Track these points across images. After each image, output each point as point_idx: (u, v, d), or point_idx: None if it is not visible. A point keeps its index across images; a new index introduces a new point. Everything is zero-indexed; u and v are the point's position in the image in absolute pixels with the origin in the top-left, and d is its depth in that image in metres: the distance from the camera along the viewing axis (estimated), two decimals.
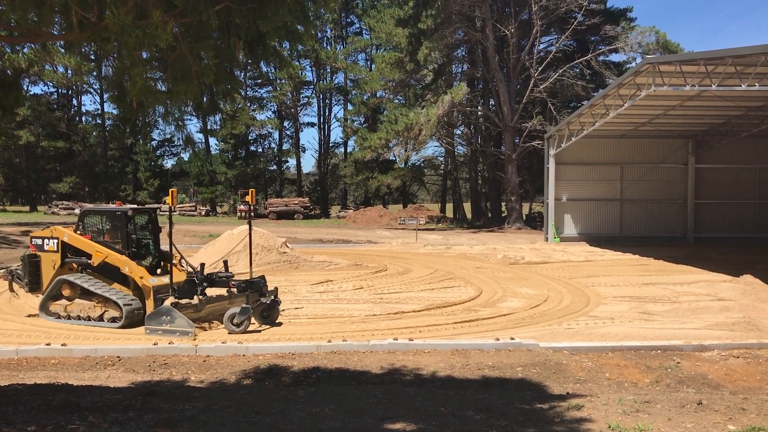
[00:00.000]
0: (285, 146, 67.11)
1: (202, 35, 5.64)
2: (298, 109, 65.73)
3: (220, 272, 14.40)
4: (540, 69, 44.22)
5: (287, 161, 69.71)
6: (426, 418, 7.46)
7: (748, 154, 34.44)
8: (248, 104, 61.64)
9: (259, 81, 64.18)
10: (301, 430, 6.83)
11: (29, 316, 15.01)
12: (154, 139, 65.11)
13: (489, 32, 42.84)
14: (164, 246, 15.10)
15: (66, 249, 14.53)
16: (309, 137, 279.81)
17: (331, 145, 68.84)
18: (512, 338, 12.34)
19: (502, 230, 43.24)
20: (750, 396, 9.05)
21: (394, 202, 70.24)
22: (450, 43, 45.70)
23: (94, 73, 54.33)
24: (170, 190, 13.91)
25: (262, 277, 14.52)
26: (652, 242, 32.94)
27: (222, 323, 13.61)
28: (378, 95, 58.05)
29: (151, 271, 14.60)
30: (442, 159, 63.31)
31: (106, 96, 55.56)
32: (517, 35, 44.11)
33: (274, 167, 67.77)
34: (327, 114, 67.62)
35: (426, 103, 43.23)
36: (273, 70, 58.83)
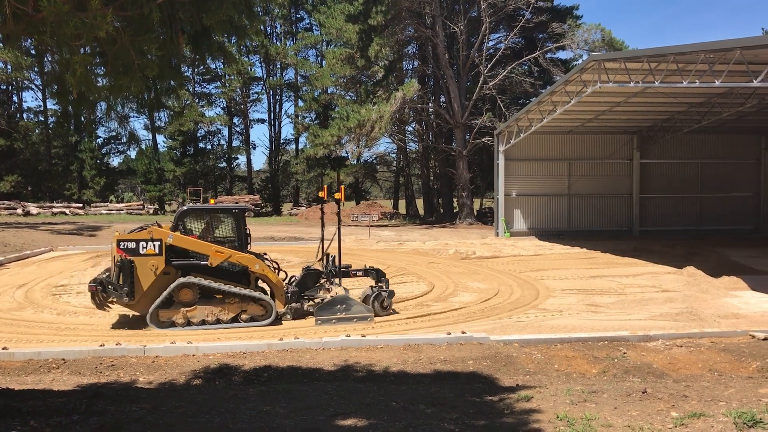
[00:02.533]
0: (235, 143, 66.37)
1: (144, 29, 5.50)
2: (248, 105, 65.04)
3: (334, 264, 15.02)
4: (489, 66, 44.68)
5: (237, 158, 69.00)
6: (377, 414, 7.47)
7: (690, 149, 35.48)
8: (196, 100, 60.68)
9: (207, 77, 63.25)
10: (251, 428, 6.76)
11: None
12: (100, 137, 63.59)
13: (439, 29, 43.08)
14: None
15: (169, 251, 13.37)
16: (259, 134, 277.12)
17: (282, 141, 68.36)
18: (464, 332, 12.44)
19: (454, 226, 43.58)
20: (692, 384, 9.32)
21: (346, 199, 70.16)
22: (400, 40, 45.82)
23: (36, 69, 52.72)
24: (341, 187, 13.78)
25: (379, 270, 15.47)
26: (599, 236, 33.63)
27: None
28: (329, 91, 57.81)
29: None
30: (394, 156, 63.50)
31: (48, 92, 53.93)
32: (466, 32, 44.46)
33: (224, 164, 66.94)
34: (277, 110, 67.10)
35: (377, 100, 43.25)
36: (221, 66, 58.13)
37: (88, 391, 8.84)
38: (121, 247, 13.10)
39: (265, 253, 14.62)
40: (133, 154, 65.91)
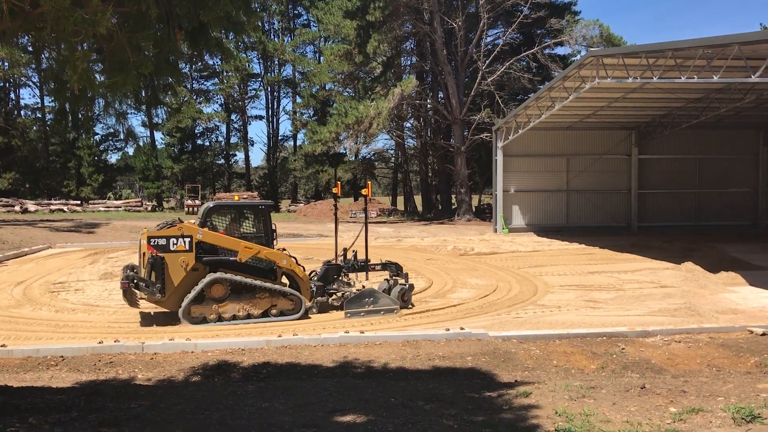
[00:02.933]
0: (233, 140, 66.37)
1: (141, 25, 5.49)
2: (246, 101, 65.05)
3: (357, 259, 15.69)
4: (487, 62, 44.63)
5: (235, 155, 69.01)
6: (376, 410, 7.47)
7: (688, 145, 35.48)
8: (194, 97, 60.65)
9: (205, 73, 63.20)
10: (250, 425, 6.76)
11: None
12: (98, 134, 63.50)
13: (437, 25, 43.02)
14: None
15: (198, 248, 13.38)
16: (257, 130, 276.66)
17: (280, 138, 68.34)
18: (462, 328, 12.44)
19: (453, 222, 43.59)
20: (690, 379, 9.33)
21: (345, 195, 70.04)
22: (398, 36, 45.77)
23: (33, 65, 52.60)
24: (368, 183, 14.14)
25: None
26: (598, 232, 33.65)
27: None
28: (327, 88, 57.76)
29: None
30: (392, 152, 63.46)
31: (45, 89, 53.82)
32: (464, 28, 44.40)
33: (222, 161, 66.94)
34: (275, 107, 67.06)
35: (375, 96, 43.21)
36: (218, 62, 58.04)
37: (87, 388, 8.84)
38: (152, 243, 13.04)
39: (284, 249, 14.69)
40: (131, 151, 65.89)
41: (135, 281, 13.20)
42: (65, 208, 51.73)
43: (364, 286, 15.27)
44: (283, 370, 10.15)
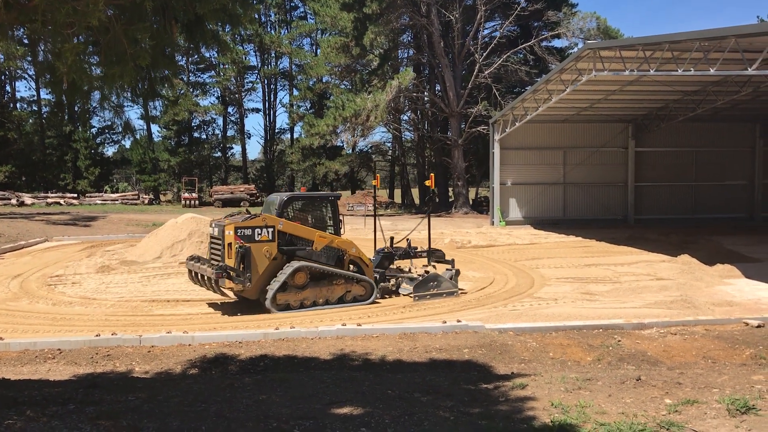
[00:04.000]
0: (229, 132, 66.22)
1: (137, 17, 5.47)
2: (243, 94, 64.87)
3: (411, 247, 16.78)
4: (484, 55, 44.57)
5: (232, 148, 68.80)
6: (373, 402, 7.50)
7: (685, 138, 35.50)
8: (191, 90, 60.43)
9: (202, 66, 63.01)
10: (248, 417, 6.78)
11: None
12: (94, 127, 63.24)
13: (434, 17, 42.93)
14: None
15: (279, 237, 14.06)
16: (254, 123, 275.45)
17: (276, 131, 68.19)
18: (459, 321, 12.47)
19: (450, 215, 43.61)
20: (686, 371, 9.38)
21: (342, 188, 69.96)
22: (396, 28, 45.63)
23: (29, 58, 52.41)
24: (431, 175, 16.72)
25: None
26: (594, 224, 33.69)
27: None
28: (324, 80, 57.60)
29: None
30: (389, 145, 63.40)
31: (41, 82, 53.58)
32: (461, 21, 44.32)
33: (219, 154, 66.78)
34: (272, 99, 66.92)
35: (373, 89, 43.13)
36: (215, 55, 57.88)
37: (84, 381, 8.85)
38: (239, 234, 13.58)
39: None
40: (127, 143, 65.69)
41: (226, 271, 13.50)
42: (62, 201, 51.63)
43: (427, 272, 16.12)
44: (280, 362, 10.18)
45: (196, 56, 57.26)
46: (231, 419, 6.72)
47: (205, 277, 13.93)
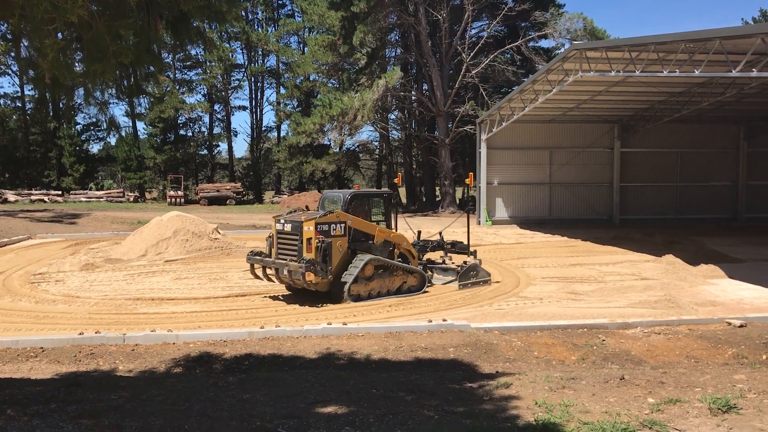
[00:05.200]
0: (216, 130, 65.86)
1: (120, 13, 5.42)
2: (229, 92, 64.51)
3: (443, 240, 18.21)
4: (472, 54, 44.65)
5: (218, 145, 68.55)
6: (358, 401, 7.49)
7: (670, 139, 35.77)
8: (177, 87, 60.07)
9: (188, 63, 62.60)
10: (232, 416, 6.75)
11: None
12: (79, 123, 62.70)
13: (422, 17, 42.94)
14: None
15: (349, 232, 14.89)
16: (240, 121, 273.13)
17: (263, 129, 67.92)
18: (444, 320, 12.49)
19: (437, 214, 43.65)
20: (669, 370, 9.44)
21: (329, 187, 69.85)
22: (383, 27, 45.62)
23: (12, 54, 51.82)
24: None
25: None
26: (580, 224, 33.88)
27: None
28: (311, 79, 57.45)
29: None
30: (376, 144, 63.35)
31: (25, 78, 53.00)
32: (449, 20, 44.37)
33: (205, 152, 66.45)
34: (259, 97, 66.63)
35: (360, 88, 43.10)
36: (201, 52, 57.59)
37: (67, 380, 8.78)
38: (319, 230, 14.30)
39: None
40: (113, 141, 65.23)
41: (313, 265, 14.05)
42: (46, 199, 51.20)
43: (465, 263, 17.12)
44: (265, 361, 10.14)
45: (182, 53, 56.91)
46: (214, 418, 6.69)
47: (283, 271, 14.57)
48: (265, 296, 15.80)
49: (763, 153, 36.42)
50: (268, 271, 15.56)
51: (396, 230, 16.48)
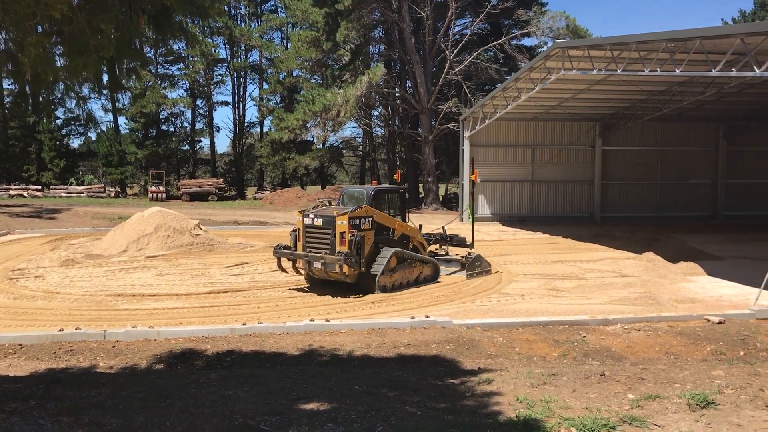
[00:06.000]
0: (198, 125, 65.45)
1: (101, 7, 5.37)
2: (212, 87, 64.14)
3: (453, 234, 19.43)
4: (455, 52, 44.73)
5: (200, 141, 68.09)
6: (340, 397, 7.50)
7: (650, 137, 36.07)
8: (159, 82, 59.61)
9: (170, 58, 62.11)
10: (213, 412, 6.73)
11: None
12: (59, 118, 62.01)
13: (405, 13, 42.93)
14: None
15: (375, 226, 15.65)
16: (223, 116, 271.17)
17: (246, 124, 67.58)
18: (427, 316, 12.52)
19: (420, 211, 43.68)
20: (649, 366, 9.54)
21: (312, 183, 69.76)
22: (367, 24, 45.55)
23: None
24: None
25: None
26: (561, 222, 34.09)
27: None
28: (294, 74, 57.27)
29: None
30: (360, 140, 63.31)
31: (3, 71, 52.28)
32: (432, 17, 44.38)
33: (187, 147, 66.02)
34: (242, 93, 66.28)
35: (343, 84, 43.02)
36: (184, 47, 57.15)
37: (46, 377, 8.70)
38: (351, 224, 14.87)
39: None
40: (93, 135, 64.55)
41: (349, 258, 14.66)
42: (25, 194, 50.59)
43: (470, 254, 18.25)
44: (247, 358, 10.12)
45: (163, 48, 56.38)
46: (196, 415, 6.66)
47: (315, 264, 15.10)
48: (247, 292, 15.77)
49: (742, 152, 36.85)
50: (298, 264, 16.09)
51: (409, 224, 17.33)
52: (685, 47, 18.99)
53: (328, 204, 16.73)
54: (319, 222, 15.23)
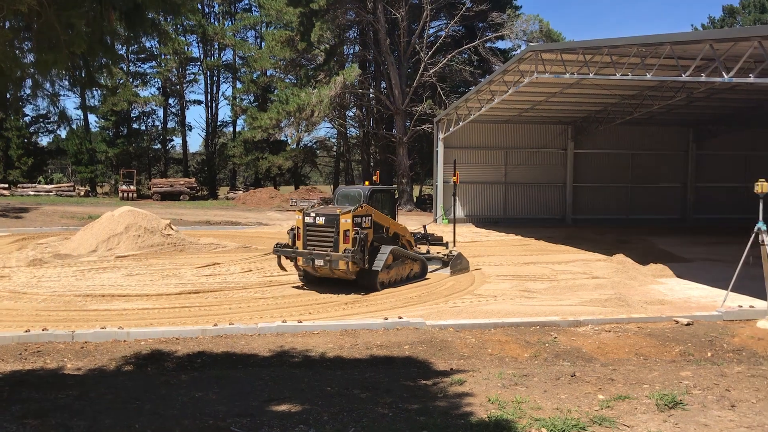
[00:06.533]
0: (170, 124, 64.75)
1: (71, 3, 5.27)
2: (184, 86, 63.55)
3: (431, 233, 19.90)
4: (430, 53, 44.88)
5: (172, 140, 67.34)
6: (312, 399, 7.46)
7: (622, 140, 36.51)
8: (130, 80, 58.88)
9: (143, 56, 61.41)
10: (183, 414, 6.66)
11: None
12: (28, 115, 60.90)
13: (380, 14, 42.97)
14: None
15: (372, 224, 15.99)
16: (195, 115, 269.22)
17: (219, 124, 66.98)
18: (400, 317, 12.52)
19: None
20: (618, 367, 9.64)
21: (285, 183, 69.37)
22: (342, 24, 45.53)
23: None
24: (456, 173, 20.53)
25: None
26: (534, 223, 34.36)
27: None
28: (268, 74, 57.00)
29: None
30: (334, 140, 63.14)
31: None
32: (407, 19, 44.48)
33: (159, 146, 65.28)
34: (214, 92, 65.70)
35: (318, 84, 42.92)
36: (156, 45, 56.56)
37: (11, 379, 8.53)
38: (355, 222, 15.16)
39: None
40: (63, 133, 63.52)
41: (354, 255, 14.90)
42: None
43: (451, 252, 18.94)
44: (218, 359, 10.02)
45: (136, 45, 55.71)
46: (166, 417, 6.59)
47: (318, 261, 15.35)
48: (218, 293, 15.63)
49: (711, 156, 37.48)
50: (299, 261, 16.15)
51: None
52: (655, 52, 19.24)
53: (325, 204, 17.12)
54: (321, 221, 15.54)
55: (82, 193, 54.43)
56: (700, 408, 7.33)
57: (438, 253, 19.18)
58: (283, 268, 16.68)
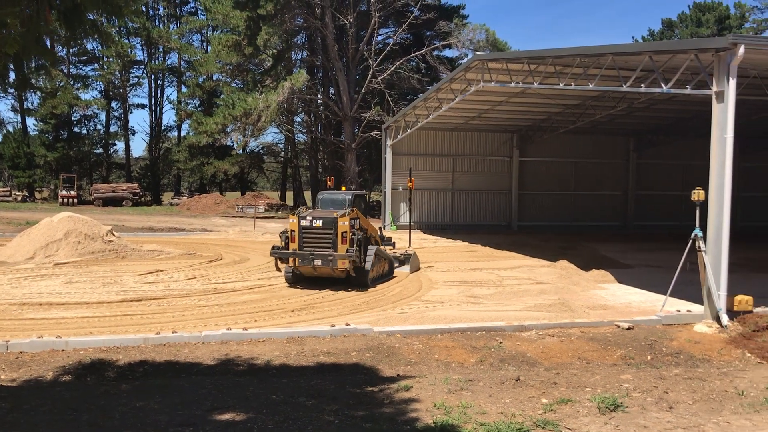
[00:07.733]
0: (113, 128, 63.46)
1: (6, 1, 5.09)
2: (128, 89, 62.35)
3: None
4: (378, 60, 45.04)
5: (115, 144, 66.04)
6: (257, 407, 7.37)
7: (565, 149, 37.24)
8: (71, 82, 57.36)
9: (84, 58, 60.03)
10: (123, 425, 6.49)
11: None
12: None
13: (328, 20, 42.95)
14: None
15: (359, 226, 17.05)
16: (139, 119, 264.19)
17: (163, 128, 65.99)
18: (347, 324, 12.48)
19: None
20: (562, 371, 9.81)
21: (231, 189, 68.57)
22: (290, 29, 45.31)
23: None
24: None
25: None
26: (480, 230, 34.73)
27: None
28: (214, 78, 56.27)
29: None
30: (282, 146, 62.77)
31: None
32: (356, 25, 44.57)
33: (101, 150, 63.81)
34: (159, 96, 64.70)
35: (265, 89, 42.59)
36: (98, 47, 55.32)
37: None
38: (351, 225, 16.41)
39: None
40: None
41: (354, 255, 16.09)
42: None
43: (407, 251, 20.62)
44: (161, 368, 9.80)
45: (76, 47, 54.41)
46: (105, 428, 6.41)
47: (316, 261, 16.29)
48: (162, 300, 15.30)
49: (650, 164, 38.58)
50: (295, 262, 16.85)
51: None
52: (598, 62, 19.70)
53: (307, 208, 18.52)
54: (318, 223, 16.51)
55: (20, 198, 52.79)
56: (639, 410, 7.50)
57: (395, 252, 20.29)
58: (279, 270, 17.59)
